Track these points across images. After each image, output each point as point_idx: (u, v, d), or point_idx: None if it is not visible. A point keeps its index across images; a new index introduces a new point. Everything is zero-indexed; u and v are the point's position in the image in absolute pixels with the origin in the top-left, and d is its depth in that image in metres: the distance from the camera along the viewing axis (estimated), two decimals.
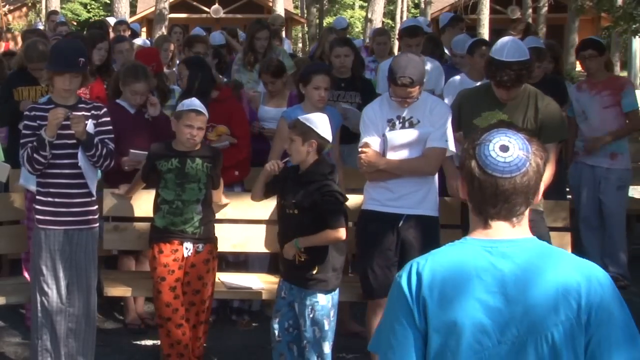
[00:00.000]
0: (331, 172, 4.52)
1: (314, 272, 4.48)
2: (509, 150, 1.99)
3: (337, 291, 4.62)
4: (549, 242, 4.86)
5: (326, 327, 4.52)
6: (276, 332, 4.64)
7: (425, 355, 2.01)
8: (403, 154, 4.69)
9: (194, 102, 4.84)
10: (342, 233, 4.48)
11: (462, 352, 1.95)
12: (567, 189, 7.26)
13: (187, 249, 4.84)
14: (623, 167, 6.71)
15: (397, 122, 4.69)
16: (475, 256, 2.00)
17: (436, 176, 4.84)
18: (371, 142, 4.71)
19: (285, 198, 4.58)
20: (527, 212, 2.05)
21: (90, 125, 4.64)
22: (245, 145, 5.89)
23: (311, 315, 4.51)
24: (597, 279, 1.98)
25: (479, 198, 2.02)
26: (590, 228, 6.83)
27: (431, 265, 2.01)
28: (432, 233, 4.74)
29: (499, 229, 2.03)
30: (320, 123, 4.52)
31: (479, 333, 1.95)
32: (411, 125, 4.68)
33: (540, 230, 4.81)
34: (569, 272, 1.98)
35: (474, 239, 2.04)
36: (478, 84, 6.34)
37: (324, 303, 4.52)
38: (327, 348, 4.53)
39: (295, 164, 4.61)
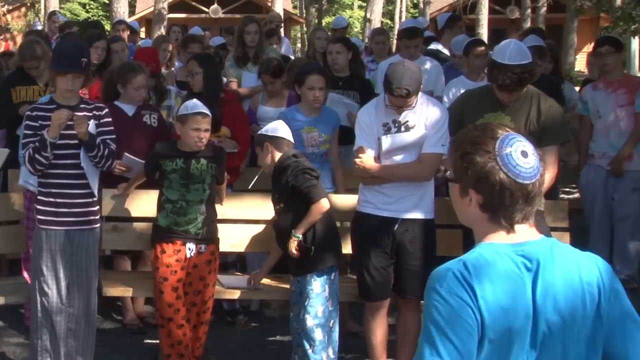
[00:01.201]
0: (295, 155, 4.66)
1: (312, 253, 4.60)
2: (528, 155, 2.01)
3: (333, 278, 4.66)
4: None
5: (319, 314, 4.59)
6: (294, 323, 4.73)
7: None
8: (398, 158, 4.67)
9: (198, 104, 4.84)
10: (324, 202, 4.60)
11: (512, 358, 1.95)
12: (568, 189, 7.23)
13: (189, 249, 4.85)
14: (638, 169, 6.63)
15: (392, 126, 4.66)
16: (511, 260, 1.99)
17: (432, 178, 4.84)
18: (366, 146, 4.69)
19: (273, 202, 4.81)
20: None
21: (92, 126, 4.64)
22: (244, 152, 5.89)
23: (306, 303, 4.61)
24: (604, 266, 2.06)
25: (508, 206, 2.01)
26: (602, 230, 6.76)
27: (477, 274, 1.96)
28: (428, 235, 4.75)
29: (523, 232, 2.04)
30: (270, 126, 4.76)
31: (525, 336, 1.96)
32: (407, 129, 4.65)
33: (542, 230, 4.79)
34: (587, 266, 2.03)
35: (500, 243, 2.03)
36: (474, 82, 6.34)
37: (319, 291, 4.61)
38: (319, 335, 4.60)
39: (269, 172, 4.79)
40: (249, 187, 4.97)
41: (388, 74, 4.53)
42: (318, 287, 4.61)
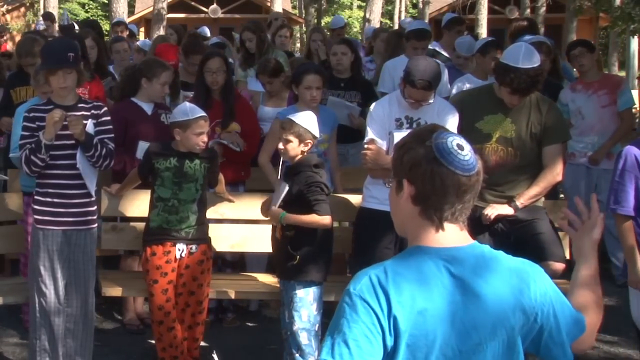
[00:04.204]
0: (317, 165, 4.58)
1: (295, 262, 4.54)
2: (464, 149, 1.99)
3: (319, 287, 4.63)
4: (558, 237, 4.85)
5: (303, 318, 4.56)
6: (283, 324, 4.71)
7: None
8: None
9: (196, 109, 4.82)
10: (328, 220, 4.54)
11: None
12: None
13: (179, 250, 4.83)
14: None
15: (404, 122, 4.72)
16: (436, 266, 1.97)
17: None
18: (377, 139, 4.71)
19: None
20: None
21: (90, 126, 4.62)
22: (255, 144, 5.91)
23: (290, 307, 4.59)
24: (540, 275, 2.06)
25: (438, 197, 1.98)
26: None
27: (394, 279, 1.95)
28: None
29: (451, 233, 2.01)
30: (312, 122, 4.63)
31: (444, 344, 1.94)
32: (418, 127, 4.68)
33: (546, 228, 4.80)
34: (518, 273, 2.02)
35: (428, 247, 2.01)
36: (482, 81, 6.34)
37: (302, 295, 4.58)
38: (305, 339, 4.57)
39: (288, 160, 4.69)
40: (279, 177, 4.89)
41: (410, 67, 4.58)
42: (302, 292, 4.58)
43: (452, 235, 2.01)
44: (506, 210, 4.71)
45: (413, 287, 1.94)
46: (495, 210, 4.69)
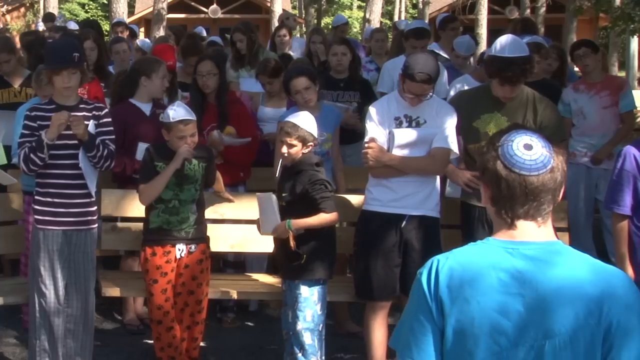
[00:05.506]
0: (318, 164, 4.60)
1: (302, 261, 4.54)
2: (533, 148, 2.01)
3: (323, 286, 4.64)
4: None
5: (307, 318, 4.57)
6: (285, 324, 4.71)
7: (442, 353, 2.01)
8: (408, 152, 4.69)
9: (179, 113, 4.76)
10: (335, 216, 4.58)
11: (480, 352, 1.95)
12: None
13: (179, 250, 4.84)
14: None
15: (404, 121, 4.71)
16: (496, 257, 2.00)
17: (438, 177, 4.84)
18: (377, 138, 4.71)
19: (280, 194, 4.70)
20: (551, 213, 2.05)
21: (91, 126, 4.63)
22: (255, 148, 5.90)
23: (294, 307, 4.59)
24: (622, 285, 1.98)
25: (508, 198, 2.01)
26: (586, 229, 6.85)
27: (451, 264, 2.02)
28: (433, 234, 4.75)
29: (524, 230, 2.03)
30: (312, 124, 4.64)
31: (496, 334, 1.95)
32: (417, 125, 4.69)
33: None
34: (592, 278, 1.97)
35: (496, 239, 2.05)
36: (480, 83, 6.34)
37: (307, 295, 4.58)
38: (308, 339, 4.57)
39: (288, 162, 4.67)
40: (277, 176, 4.87)
41: (409, 61, 4.59)
42: (306, 292, 4.59)
43: (526, 231, 2.03)
44: None
45: (466, 274, 1.99)
46: None
